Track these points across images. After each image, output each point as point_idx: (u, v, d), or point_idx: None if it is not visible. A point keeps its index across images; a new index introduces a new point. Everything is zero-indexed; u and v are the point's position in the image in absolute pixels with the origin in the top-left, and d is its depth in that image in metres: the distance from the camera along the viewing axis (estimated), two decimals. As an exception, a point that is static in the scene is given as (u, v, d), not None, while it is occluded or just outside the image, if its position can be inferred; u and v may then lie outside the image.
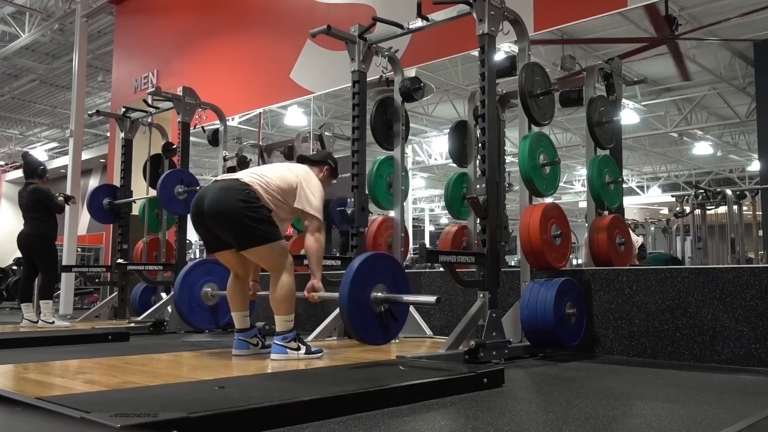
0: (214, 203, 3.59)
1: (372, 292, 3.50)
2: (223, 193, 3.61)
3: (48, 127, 19.57)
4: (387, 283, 3.57)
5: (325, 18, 7.07)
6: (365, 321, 3.46)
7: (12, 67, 14.76)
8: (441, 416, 2.43)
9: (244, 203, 3.55)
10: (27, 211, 6.48)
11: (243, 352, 3.83)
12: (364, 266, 3.48)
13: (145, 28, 10.32)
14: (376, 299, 3.50)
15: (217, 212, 3.59)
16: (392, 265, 3.71)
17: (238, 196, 3.56)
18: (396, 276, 3.66)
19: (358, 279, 3.42)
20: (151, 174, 7.35)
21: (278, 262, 3.65)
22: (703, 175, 22.11)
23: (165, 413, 1.94)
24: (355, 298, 3.41)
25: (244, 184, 3.62)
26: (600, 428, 2.18)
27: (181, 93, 6.61)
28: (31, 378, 3.00)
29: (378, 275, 3.54)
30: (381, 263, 3.64)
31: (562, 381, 3.28)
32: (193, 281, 4.99)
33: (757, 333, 3.74)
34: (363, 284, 3.46)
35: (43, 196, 6.43)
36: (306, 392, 2.46)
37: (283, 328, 3.69)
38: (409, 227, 20.40)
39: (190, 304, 4.97)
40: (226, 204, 3.56)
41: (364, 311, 3.46)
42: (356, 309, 3.41)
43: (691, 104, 14.74)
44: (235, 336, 3.90)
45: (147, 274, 6.62)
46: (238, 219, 3.54)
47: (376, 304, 3.51)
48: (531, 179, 4.07)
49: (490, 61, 4.02)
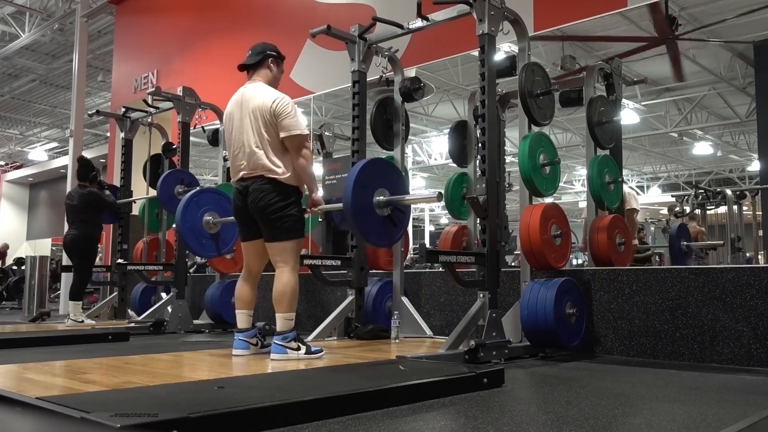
0: None
1: (374, 196, 3.61)
2: None
3: (48, 127, 19.57)
4: (387, 186, 3.65)
5: (325, 18, 7.06)
6: (371, 223, 3.57)
7: (12, 67, 14.76)
8: (441, 416, 2.43)
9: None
10: (76, 212, 6.62)
11: (243, 352, 3.83)
12: (365, 171, 3.57)
13: (145, 28, 10.31)
14: (379, 203, 3.62)
15: None
16: (391, 170, 3.76)
17: None
18: (395, 180, 3.73)
19: (360, 183, 3.52)
20: (151, 174, 7.36)
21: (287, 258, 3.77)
22: (703, 175, 22.06)
23: (165, 413, 1.94)
24: (359, 202, 3.51)
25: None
26: (600, 428, 2.18)
27: (181, 93, 6.61)
28: (31, 378, 3.00)
29: (379, 180, 3.62)
30: (380, 168, 3.71)
31: (562, 381, 3.28)
32: (194, 210, 5.06)
33: (757, 333, 3.74)
34: (365, 188, 3.56)
35: (95, 199, 6.65)
36: (306, 392, 2.45)
37: (283, 328, 3.72)
38: (409, 227, 20.48)
39: (192, 233, 5.04)
40: None
41: (369, 214, 3.57)
42: (361, 212, 3.52)
43: (691, 104, 14.74)
44: (236, 336, 3.90)
45: (147, 274, 6.63)
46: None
47: (379, 207, 3.63)
48: (531, 179, 4.07)
49: (490, 61, 4.02)
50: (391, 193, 3.66)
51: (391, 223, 3.67)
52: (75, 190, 6.75)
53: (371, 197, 3.57)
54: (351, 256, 4.82)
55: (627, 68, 11.71)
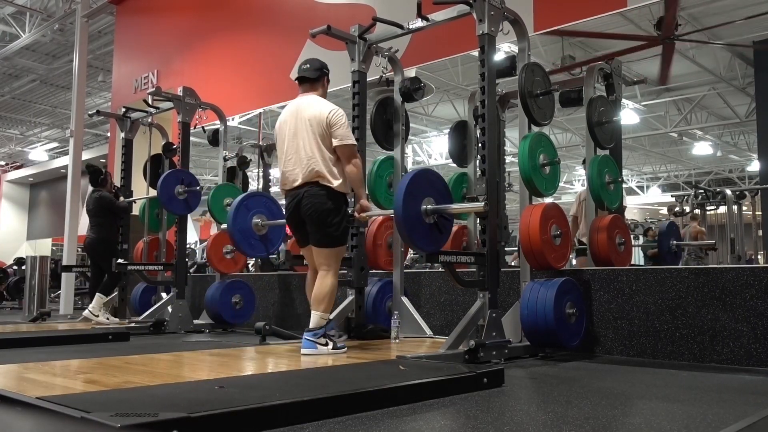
0: None
1: (422, 205, 3.76)
2: None
3: (48, 127, 19.57)
4: (434, 196, 3.82)
5: (325, 18, 7.06)
6: (419, 231, 3.74)
7: (12, 67, 14.76)
8: (441, 416, 2.43)
9: None
10: (92, 216, 6.89)
11: (311, 352, 3.88)
12: (414, 182, 3.74)
13: (145, 28, 10.32)
14: (426, 211, 3.77)
15: None
16: (437, 180, 3.93)
17: None
18: (441, 190, 3.90)
19: (409, 193, 3.70)
20: (151, 174, 7.35)
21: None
22: (703, 175, 22.06)
23: (165, 413, 1.94)
24: (409, 211, 3.68)
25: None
26: (600, 428, 2.19)
27: (182, 93, 6.61)
28: (31, 378, 3.00)
29: (426, 189, 3.81)
30: (427, 178, 3.88)
31: (562, 381, 3.29)
32: (244, 213, 5.31)
33: (756, 333, 3.74)
34: (414, 198, 3.73)
35: (107, 202, 6.87)
36: (306, 392, 2.46)
37: (316, 325, 3.88)
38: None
39: (243, 232, 5.29)
40: None
41: (417, 222, 3.74)
42: (410, 220, 3.69)
43: (691, 104, 14.74)
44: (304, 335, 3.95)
45: (147, 274, 6.63)
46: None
47: (426, 215, 3.77)
48: (531, 179, 4.07)
49: (490, 61, 4.03)
50: (437, 202, 3.83)
51: (437, 230, 3.84)
52: (90, 194, 7.00)
53: (419, 206, 3.77)
54: (351, 256, 4.82)
55: (626, 68, 11.75)
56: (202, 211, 12.57)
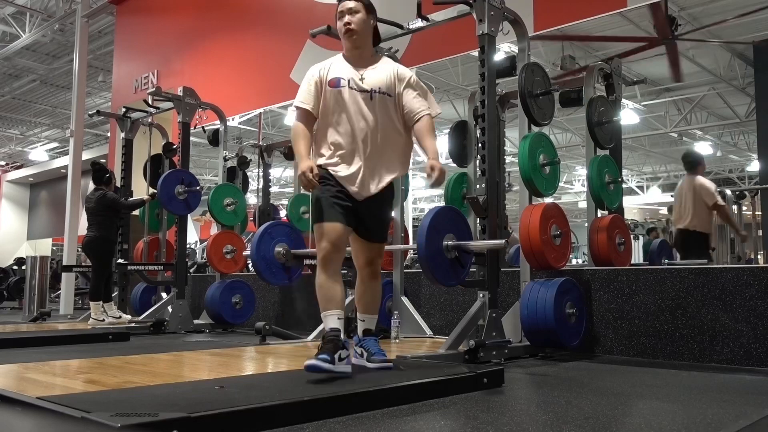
0: None
1: (443, 241, 3.79)
2: None
3: (48, 127, 19.58)
4: (455, 232, 3.85)
5: (326, 18, 7.03)
6: (441, 266, 3.77)
7: (13, 68, 14.77)
8: (441, 416, 2.43)
9: None
10: (92, 215, 6.73)
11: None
12: (436, 218, 3.78)
13: (145, 28, 10.32)
14: (447, 247, 3.79)
15: None
16: (457, 217, 3.95)
17: None
18: (461, 227, 3.91)
19: (432, 229, 3.74)
20: (151, 174, 7.36)
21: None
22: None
23: (165, 413, 1.94)
24: (431, 247, 3.72)
25: None
26: (600, 428, 2.19)
27: (182, 93, 6.61)
28: (31, 378, 3.01)
29: (447, 225, 3.85)
30: (448, 215, 3.90)
31: (562, 381, 3.29)
32: (268, 241, 5.30)
33: (756, 333, 3.74)
34: (437, 233, 3.77)
35: (111, 202, 6.74)
36: (306, 392, 2.46)
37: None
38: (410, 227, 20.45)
39: (266, 263, 5.29)
40: None
41: (439, 257, 3.76)
42: (432, 257, 3.72)
43: (691, 104, 14.73)
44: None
45: (147, 274, 6.63)
46: None
47: (448, 252, 3.79)
48: (531, 179, 4.07)
49: (489, 62, 4.03)
50: (458, 238, 3.85)
51: (459, 264, 3.87)
52: (92, 192, 6.87)
53: (441, 242, 3.80)
54: (351, 257, 4.81)
55: (627, 68, 11.72)
56: (202, 211, 12.58)
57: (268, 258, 5.32)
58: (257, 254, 5.27)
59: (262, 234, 5.35)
